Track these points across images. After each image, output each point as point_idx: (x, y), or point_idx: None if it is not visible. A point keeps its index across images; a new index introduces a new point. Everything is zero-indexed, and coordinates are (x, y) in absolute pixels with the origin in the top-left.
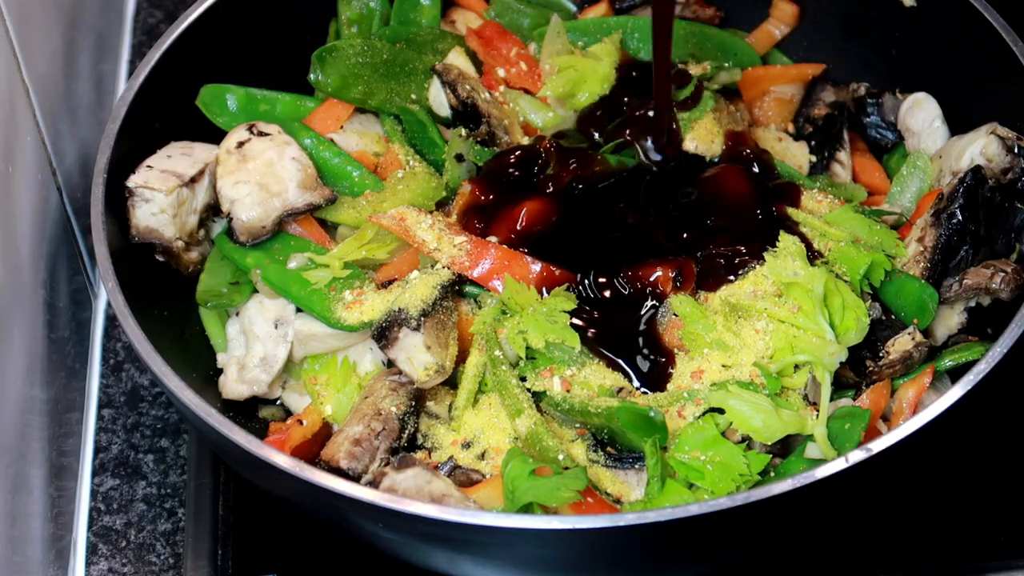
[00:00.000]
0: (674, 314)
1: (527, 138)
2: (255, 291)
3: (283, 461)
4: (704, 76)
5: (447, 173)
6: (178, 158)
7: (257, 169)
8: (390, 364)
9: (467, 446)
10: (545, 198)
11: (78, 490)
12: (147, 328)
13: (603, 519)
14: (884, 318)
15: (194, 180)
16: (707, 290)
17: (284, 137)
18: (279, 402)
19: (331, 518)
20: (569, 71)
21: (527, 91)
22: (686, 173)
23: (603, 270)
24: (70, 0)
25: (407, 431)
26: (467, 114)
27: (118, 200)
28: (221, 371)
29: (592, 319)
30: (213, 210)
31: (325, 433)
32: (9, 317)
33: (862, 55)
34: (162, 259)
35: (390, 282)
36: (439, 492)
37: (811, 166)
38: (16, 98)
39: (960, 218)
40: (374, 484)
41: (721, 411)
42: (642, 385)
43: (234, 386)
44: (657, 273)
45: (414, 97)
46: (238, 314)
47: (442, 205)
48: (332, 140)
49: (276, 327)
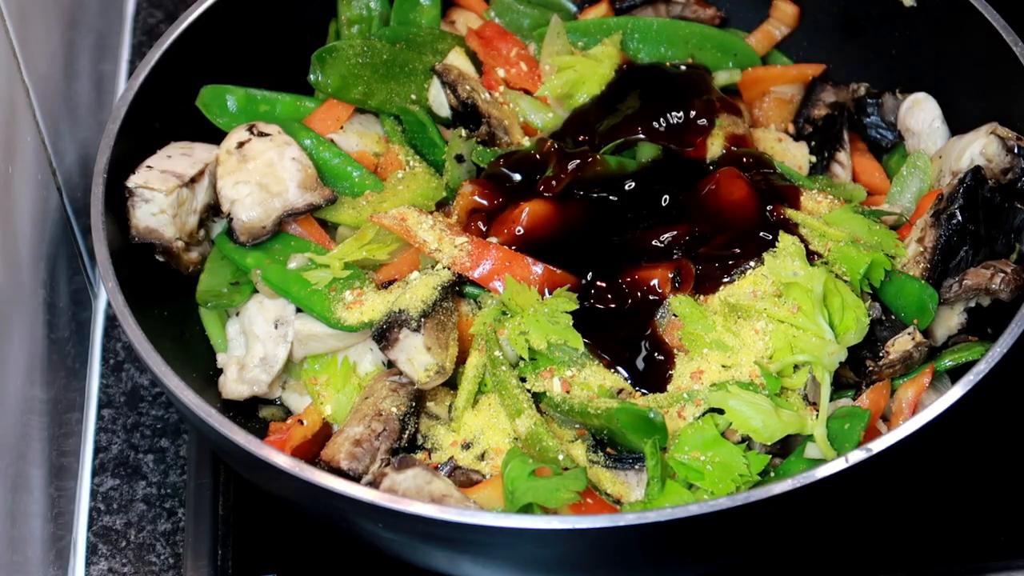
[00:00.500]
0: (674, 315)
1: (527, 139)
2: (255, 291)
3: (283, 461)
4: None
5: (447, 173)
6: (178, 158)
7: (257, 169)
8: (390, 365)
9: (467, 447)
10: (546, 200)
11: (78, 490)
12: (147, 328)
13: (603, 519)
14: (884, 318)
15: (194, 180)
16: (705, 292)
17: (284, 137)
18: (279, 402)
19: (331, 518)
20: (568, 72)
21: (527, 91)
22: (685, 176)
23: (602, 272)
24: (70, 0)
25: (407, 432)
26: (467, 114)
27: (118, 200)
28: (221, 371)
29: (591, 320)
30: (213, 210)
31: (325, 433)
32: (9, 317)
33: (862, 55)
34: (162, 259)
35: (390, 282)
36: (439, 492)
37: (811, 166)
38: (16, 98)
39: (960, 218)
40: (374, 484)
41: (721, 411)
42: (641, 386)
43: (234, 386)
44: (656, 274)
45: (414, 97)
46: (238, 314)
47: (442, 205)
48: (332, 140)
49: (276, 327)
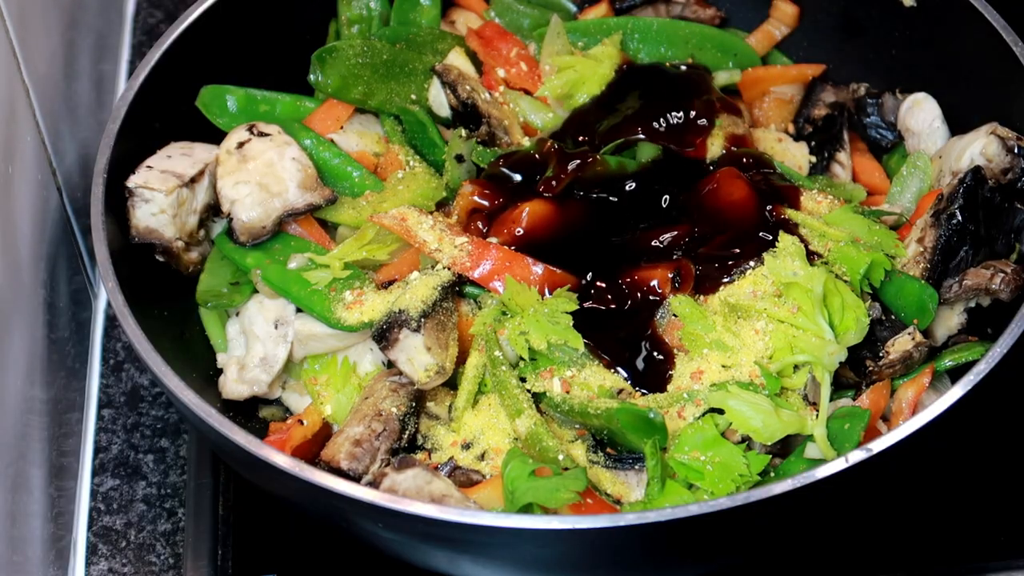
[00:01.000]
0: (674, 315)
1: (527, 139)
2: (255, 291)
3: (283, 461)
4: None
5: (447, 174)
6: (178, 158)
7: (257, 169)
8: (390, 365)
9: (467, 447)
10: (546, 200)
11: (78, 490)
12: (147, 328)
13: (603, 519)
14: (884, 318)
15: (194, 180)
16: (705, 292)
17: (284, 137)
18: (279, 402)
19: (331, 518)
20: (568, 72)
21: (527, 92)
22: (685, 176)
23: (602, 272)
24: (70, 0)
25: (407, 432)
26: (467, 115)
27: (118, 200)
28: (221, 371)
29: (591, 321)
30: (213, 210)
31: (325, 433)
32: (9, 317)
33: (862, 55)
34: (162, 259)
35: (390, 283)
36: (439, 492)
37: (811, 167)
38: (16, 98)
39: (960, 218)
40: (374, 485)
41: (721, 411)
42: (641, 386)
43: (234, 386)
44: (656, 275)
45: (414, 97)
46: (238, 314)
47: (442, 206)
48: (332, 140)
49: (276, 327)
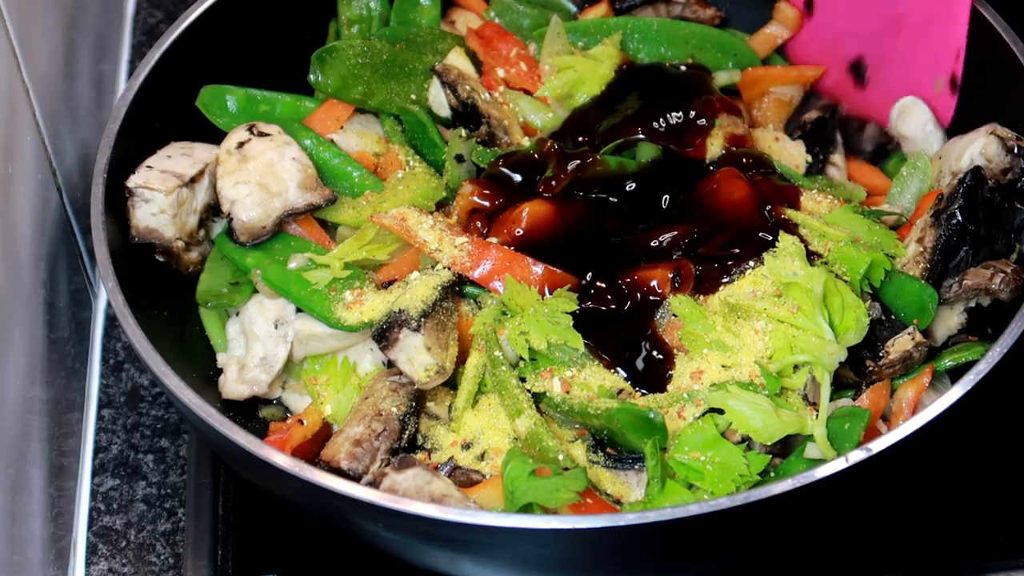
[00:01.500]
0: (673, 315)
1: (527, 139)
2: (255, 291)
3: (283, 461)
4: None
5: (447, 174)
6: (178, 158)
7: (257, 169)
8: (390, 364)
9: (467, 447)
10: (546, 200)
11: (78, 490)
12: (147, 328)
13: (603, 519)
14: (884, 318)
15: (194, 180)
16: (704, 292)
17: (284, 137)
18: (279, 402)
19: (331, 518)
20: (568, 72)
21: (527, 91)
22: (685, 176)
23: (602, 272)
24: (70, 0)
25: (408, 432)
26: (467, 114)
27: (118, 200)
28: (221, 371)
29: (592, 321)
30: (213, 210)
31: (325, 433)
32: (9, 317)
33: None
34: (162, 259)
35: (390, 282)
36: (439, 492)
37: (808, 167)
38: (16, 98)
39: (960, 218)
40: (374, 484)
41: (721, 411)
42: (641, 386)
43: (234, 386)
44: (655, 275)
45: (414, 97)
46: (238, 314)
47: (442, 206)
48: (332, 141)
49: (276, 327)
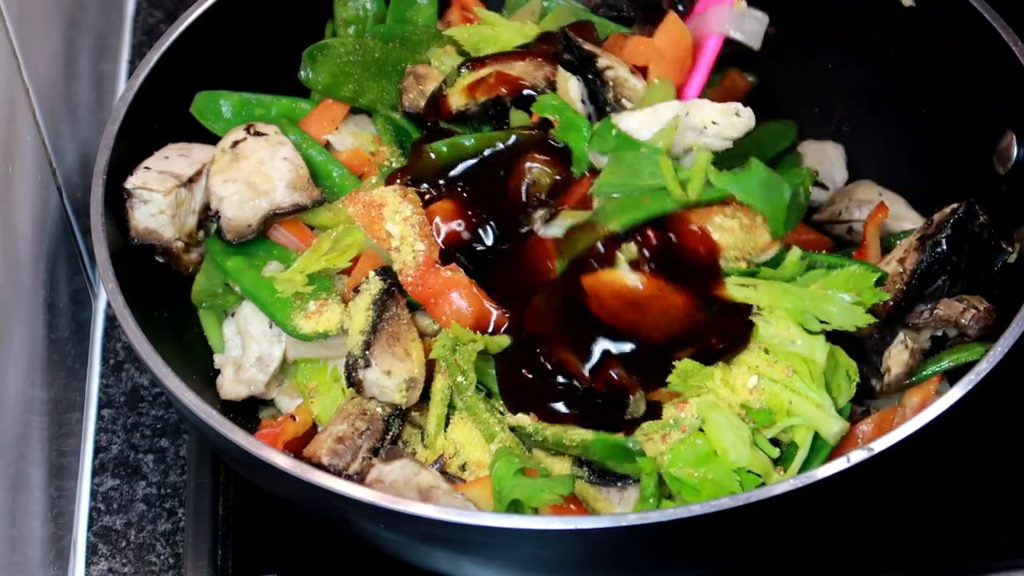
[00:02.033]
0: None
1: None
2: None
3: (283, 461)
4: None
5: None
6: (176, 159)
7: (247, 168)
8: None
9: (449, 458)
10: (447, 199)
11: (78, 490)
12: (147, 328)
13: (605, 519)
14: (876, 334)
15: (192, 181)
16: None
17: (279, 137)
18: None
19: (331, 518)
20: (484, 28)
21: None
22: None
23: (573, 374)
24: (70, 0)
25: (391, 432)
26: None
27: (118, 201)
28: (220, 372)
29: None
30: (212, 210)
31: (316, 431)
32: (9, 317)
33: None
34: (162, 260)
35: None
36: (427, 484)
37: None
38: (16, 98)
39: (944, 248)
40: (360, 476)
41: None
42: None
43: (231, 386)
44: (630, 385)
45: None
46: (234, 315)
47: None
48: (328, 142)
49: (271, 327)
